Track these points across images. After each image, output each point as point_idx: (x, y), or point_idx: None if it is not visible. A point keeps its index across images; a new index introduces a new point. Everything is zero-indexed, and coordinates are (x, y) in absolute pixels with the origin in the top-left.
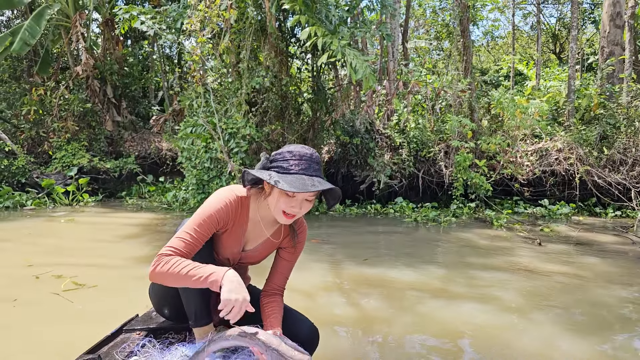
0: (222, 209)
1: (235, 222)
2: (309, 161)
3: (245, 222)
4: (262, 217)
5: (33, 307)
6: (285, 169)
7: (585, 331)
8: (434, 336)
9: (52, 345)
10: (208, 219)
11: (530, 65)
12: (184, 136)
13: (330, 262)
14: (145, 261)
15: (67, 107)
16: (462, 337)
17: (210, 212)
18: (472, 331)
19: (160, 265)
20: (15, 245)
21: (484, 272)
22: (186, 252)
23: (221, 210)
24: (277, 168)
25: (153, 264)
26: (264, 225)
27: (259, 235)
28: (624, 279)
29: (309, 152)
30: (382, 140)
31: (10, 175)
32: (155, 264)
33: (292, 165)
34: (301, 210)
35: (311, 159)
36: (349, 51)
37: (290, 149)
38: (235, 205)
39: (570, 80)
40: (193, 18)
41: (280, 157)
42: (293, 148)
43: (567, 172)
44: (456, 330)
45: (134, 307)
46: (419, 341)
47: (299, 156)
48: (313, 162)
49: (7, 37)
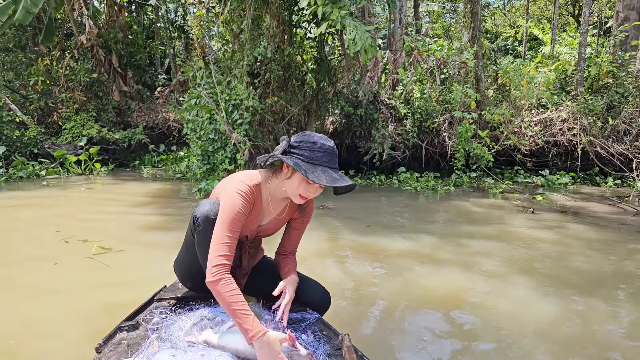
0: (244, 204)
1: (252, 208)
2: (332, 154)
3: (260, 205)
4: (273, 195)
5: (73, 271)
6: (311, 159)
7: (558, 294)
8: (416, 299)
9: (97, 308)
10: (237, 216)
11: (547, 30)
12: (189, 107)
13: (328, 230)
14: (165, 227)
15: (73, 77)
16: (442, 300)
17: (237, 210)
18: (452, 294)
19: (222, 283)
20: (42, 212)
21: (473, 240)
22: (231, 253)
23: (244, 205)
24: (300, 156)
25: (215, 276)
26: (276, 202)
27: (272, 212)
28: (607, 246)
29: (331, 145)
30: (386, 111)
31: (22, 146)
32: (218, 276)
33: (317, 157)
34: (315, 194)
35: (333, 152)
36: (349, 21)
37: (316, 139)
38: (252, 196)
39: (581, 48)
40: None
41: (305, 145)
42: (318, 139)
43: (570, 142)
44: (437, 294)
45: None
46: (402, 304)
47: (323, 149)
48: (334, 155)
49: (9, 5)
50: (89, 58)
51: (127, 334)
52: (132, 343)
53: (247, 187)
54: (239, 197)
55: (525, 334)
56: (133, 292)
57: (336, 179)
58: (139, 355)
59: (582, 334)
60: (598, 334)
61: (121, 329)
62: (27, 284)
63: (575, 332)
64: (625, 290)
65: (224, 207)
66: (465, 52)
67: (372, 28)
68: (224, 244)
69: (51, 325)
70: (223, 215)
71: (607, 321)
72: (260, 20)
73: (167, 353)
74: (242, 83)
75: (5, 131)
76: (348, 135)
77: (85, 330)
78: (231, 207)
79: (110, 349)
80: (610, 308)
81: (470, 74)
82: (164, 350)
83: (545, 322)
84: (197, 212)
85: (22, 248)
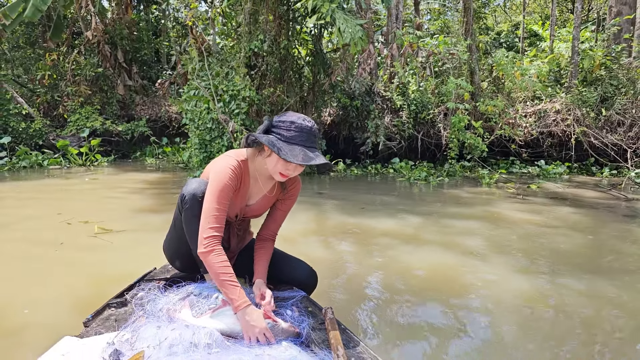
0: (232, 176)
1: (241, 183)
2: (309, 134)
3: (247, 181)
4: (260, 174)
5: (76, 250)
6: (287, 138)
7: (531, 271)
8: (394, 274)
9: (98, 283)
10: (226, 189)
11: (546, 26)
12: (188, 98)
13: (317, 213)
14: (164, 211)
15: (79, 71)
16: (418, 275)
17: (225, 182)
18: (429, 270)
19: (213, 255)
20: (45, 199)
21: (457, 221)
22: (222, 225)
23: (232, 178)
24: (278, 135)
25: (206, 247)
26: (262, 181)
27: (259, 191)
28: (589, 229)
29: (309, 124)
30: (383, 102)
31: (28, 138)
32: (209, 247)
33: (293, 136)
34: (294, 172)
35: (311, 132)
36: (339, 14)
37: (293, 119)
38: (240, 170)
39: (574, 42)
40: None
41: (283, 125)
42: (296, 119)
43: (564, 133)
44: (413, 270)
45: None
46: (379, 278)
47: (299, 128)
48: (312, 134)
49: (20, 3)
50: (95, 53)
51: (115, 310)
52: (120, 319)
53: (235, 162)
54: (228, 170)
55: (492, 307)
56: (134, 269)
57: (310, 157)
58: (126, 329)
59: (550, 306)
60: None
61: (110, 306)
62: (32, 260)
63: (543, 305)
64: (599, 267)
65: (212, 181)
66: (459, 46)
67: (363, 22)
68: (214, 216)
69: (48, 298)
70: (212, 188)
71: (576, 296)
72: (257, 15)
73: (153, 325)
74: (240, 74)
75: (12, 123)
76: (345, 127)
77: (81, 304)
78: (220, 180)
79: (99, 324)
80: (582, 283)
81: (465, 67)
82: (149, 324)
83: (516, 296)
84: (184, 191)
85: (26, 230)
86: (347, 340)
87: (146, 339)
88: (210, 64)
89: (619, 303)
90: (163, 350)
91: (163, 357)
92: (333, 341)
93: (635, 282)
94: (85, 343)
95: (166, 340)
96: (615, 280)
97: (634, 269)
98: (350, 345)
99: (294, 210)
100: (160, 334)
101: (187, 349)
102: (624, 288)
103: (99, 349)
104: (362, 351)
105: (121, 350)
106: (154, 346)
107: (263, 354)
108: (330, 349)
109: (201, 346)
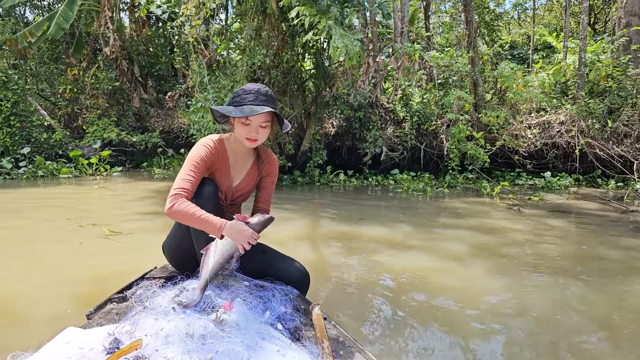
0: (206, 150)
1: (219, 159)
2: (257, 93)
3: (226, 158)
4: (236, 150)
5: (98, 247)
6: (238, 102)
7: (508, 274)
8: (375, 274)
9: (112, 277)
10: (199, 160)
11: (560, 38)
12: (195, 110)
13: (310, 220)
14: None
15: (98, 85)
16: (398, 277)
17: (199, 155)
18: (409, 272)
19: (177, 204)
20: (57, 205)
21: (447, 229)
22: (191, 189)
23: (206, 151)
24: (234, 103)
25: (170, 203)
26: (241, 157)
27: (241, 169)
28: (579, 238)
29: (256, 87)
30: (386, 114)
31: (49, 148)
32: (172, 202)
33: (242, 99)
34: (259, 134)
35: (258, 92)
36: (336, 30)
37: (245, 87)
38: (214, 146)
39: (581, 53)
40: (189, 3)
41: (236, 94)
42: (246, 86)
43: (568, 144)
44: (395, 272)
45: None
46: (360, 279)
47: (247, 91)
48: (260, 94)
49: (45, 22)
50: (113, 68)
51: (116, 305)
52: (121, 312)
53: (208, 140)
54: (200, 145)
55: (467, 307)
56: (138, 268)
57: (254, 110)
58: (126, 321)
59: (525, 307)
60: (542, 309)
61: (111, 300)
62: (44, 258)
63: (516, 304)
64: (582, 272)
65: (190, 153)
66: (460, 58)
67: (361, 37)
68: (183, 180)
69: (54, 292)
70: (188, 159)
71: (555, 297)
72: (261, 30)
73: (151, 317)
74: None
75: (34, 134)
76: (348, 137)
77: (86, 299)
78: (192, 153)
79: (100, 317)
80: (551, 284)
81: (467, 79)
82: (147, 316)
83: (490, 296)
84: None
85: (40, 231)
86: (336, 335)
87: (144, 328)
88: (217, 77)
89: (584, 303)
90: (159, 339)
91: (159, 345)
92: (319, 335)
93: (604, 286)
94: (87, 333)
95: (162, 330)
96: (584, 283)
97: (611, 273)
98: (340, 339)
99: (287, 217)
100: (157, 325)
101: (182, 339)
102: (592, 289)
103: (100, 338)
104: (350, 344)
105: (120, 339)
106: (151, 335)
107: (255, 346)
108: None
109: (196, 337)
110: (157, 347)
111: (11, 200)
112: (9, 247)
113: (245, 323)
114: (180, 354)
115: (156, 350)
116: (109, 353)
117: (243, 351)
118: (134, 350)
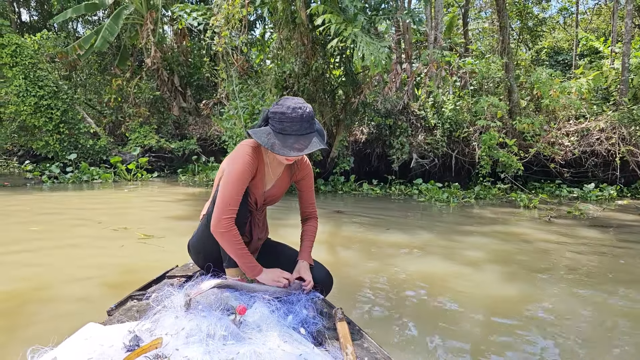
0: (248, 162)
1: (257, 169)
2: (301, 122)
3: (263, 166)
4: (272, 159)
5: (138, 248)
6: (280, 129)
7: (520, 280)
8: (386, 276)
9: (137, 276)
10: (242, 175)
11: (608, 43)
12: (228, 117)
13: (331, 225)
14: (191, 218)
15: (140, 94)
16: (410, 279)
17: (241, 168)
18: (422, 275)
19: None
20: (92, 208)
21: (468, 236)
22: (237, 208)
23: (248, 163)
24: (273, 127)
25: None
26: (275, 164)
27: (274, 175)
28: (606, 249)
29: (299, 112)
30: (416, 121)
31: (94, 154)
32: (226, 227)
33: (285, 127)
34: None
35: (302, 119)
36: (362, 37)
37: (283, 110)
38: (254, 155)
39: (624, 58)
40: (218, 15)
41: (276, 117)
42: (285, 109)
43: (608, 152)
44: (408, 275)
45: None
46: (371, 279)
47: (290, 119)
48: (304, 121)
49: (92, 35)
50: (155, 78)
51: (137, 302)
52: (141, 310)
53: (249, 148)
54: (245, 156)
55: (476, 311)
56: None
57: (303, 146)
58: (146, 319)
59: (538, 315)
60: (549, 314)
61: (132, 298)
62: (78, 259)
63: (529, 311)
64: (599, 281)
65: (230, 167)
66: (492, 65)
67: (388, 44)
68: (233, 199)
69: (78, 291)
70: (230, 174)
71: (559, 303)
72: (290, 40)
73: (171, 316)
74: (273, 95)
75: (81, 140)
76: (378, 144)
77: (110, 296)
78: (237, 166)
79: (121, 314)
80: (569, 292)
81: (501, 85)
82: (168, 314)
83: (501, 302)
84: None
85: (75, 232)
86: (360, 340)
87: (165, 327)
88: (249, 85)
89: (598, 313)
90: (180, 338)
91: (180, 345)
92: (342, 340)
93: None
94: (107, 330)
95: (183, 330)
96: (605, 292)
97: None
98: (364, 345)
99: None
100: (178, 323)
101: (203, 339)
102: (616, 297)
103: (120, 335)
104: (375, 351)
105: (140, 337)
106: (171, 334)
107: (277, 349)
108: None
109: (217, 337)
110: (177, 347)
111: (56, 201)
112: (42, 248)
113: (266, 325)
114: (201, 354)
115: (176, 349)
116: (128, 350)
117: (265, 354)
118: (154, 348)
